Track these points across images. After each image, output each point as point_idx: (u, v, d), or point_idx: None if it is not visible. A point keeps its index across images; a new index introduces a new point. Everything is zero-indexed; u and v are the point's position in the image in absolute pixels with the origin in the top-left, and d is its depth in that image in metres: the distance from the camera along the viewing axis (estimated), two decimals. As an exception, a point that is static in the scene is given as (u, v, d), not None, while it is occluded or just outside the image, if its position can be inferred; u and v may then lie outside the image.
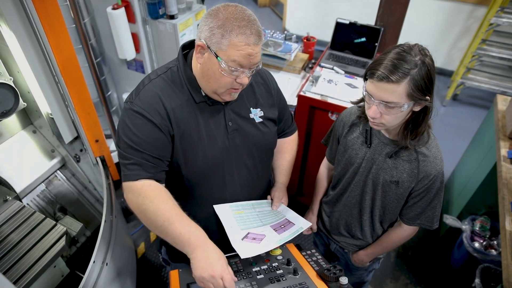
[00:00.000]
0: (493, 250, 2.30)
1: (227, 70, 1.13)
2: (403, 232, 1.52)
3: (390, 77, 1.13)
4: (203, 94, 1.25)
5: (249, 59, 1.12)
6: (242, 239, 1.26)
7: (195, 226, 1.16)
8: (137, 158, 1.19)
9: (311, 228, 1.81)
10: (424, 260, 2.78)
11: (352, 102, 1.48)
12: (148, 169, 1.21)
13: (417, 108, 1.22)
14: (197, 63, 1.21)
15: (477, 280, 2.13)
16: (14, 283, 1.61)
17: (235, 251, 1.20)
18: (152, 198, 1.17)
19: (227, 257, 1.21)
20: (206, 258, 1.10)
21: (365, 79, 1.25)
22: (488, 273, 2.18)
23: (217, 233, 1.42)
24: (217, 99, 1.25)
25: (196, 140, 1.26)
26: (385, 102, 1.18)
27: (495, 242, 2.34)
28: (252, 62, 1.14)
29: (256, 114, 1.37)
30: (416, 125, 1.27)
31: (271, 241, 1.28)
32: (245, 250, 1.20)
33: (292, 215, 1.48)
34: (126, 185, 1.22)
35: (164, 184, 1.28)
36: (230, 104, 1.31)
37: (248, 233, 1.30)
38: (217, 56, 1.11)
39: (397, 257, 2.79)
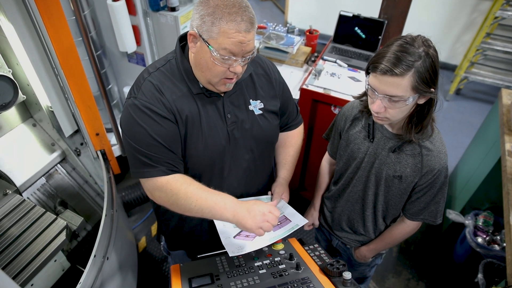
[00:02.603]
0: (496, 245, 2.29)
1: (218, 59, 1.11)
2: (406, 227, 1.50)
3: (394, 70, 1.10)
4: (201, 85, 1.24)
5: (241, 47, 1.09)
6: (234, 237, 1.25)
7: (224, 194, 1.20)
8: (154, 153, 1.19)
9: (313, 223, 1.80)
10: (427, 255, 2.77)
11: (354, 97, 1.45)
12: (167, 164, 1.21)
13: (421, 101, 1.20)
14: (191, 53, 1.19)
15: (480, 275, 2.12)
16: (15, 277, 1.60)
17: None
18: (179, 187, 1.19)
19: (218, 253, 1.30)
20: (249, 210, 1.16)
21: (368, 73, 1.22)
22: (491, 268, 2.17)
23: (208, 233, 1.44)
24: (212, 89, 1.23)
25: (197, 129, 1.24)
26: (389, 96, 1.15)
27: (498, 237, 2.33)
28: (244, 50, 1.11)
29: (256, 106, 1.35)
30: (420, 118, 1.25)
31: (265, 238, 1.26)
32: (235, 247, 1.20)
33: (290, 211, 1.46)
34: (149, 183, 1.23)
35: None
36: (229, 96, 1.29)
37: (241, 231, 1.29)
38: (208, 45, 1.09)
39: (399, 252, 2.78)
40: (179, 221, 1.48)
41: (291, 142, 1.60)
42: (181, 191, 1.18)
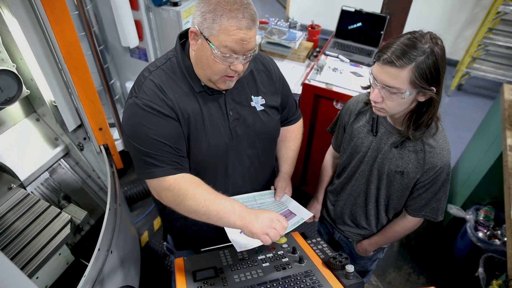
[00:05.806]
0: (496, 240, 2.30)
1: (219, 56, 1.10)
2: (408, 223, 1.51)
3: (394, 61, 1.12)
4: (202, 83, 1.23)
5: (242, 45, 1.09)
6: (240, 233, 1.25)
7: (232, 200, 1.19)
8: (158, 152, 1.17)
9: (313, 217, 1.81)
10: (428, 249, 2.78)
11: (362, 87, 1.46)
12: (173, 163, 1.20)
13: (422, 99, 1.21)
14: (192, 50, 1.19)
15: (480, 270, 2.14)
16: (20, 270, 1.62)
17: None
18: (187, 187, 1.17)
19: (222, 247, 1.30)
20: (257, 215, 1.15)
21: (374, 62, 1.23)
22: (492, 263, 2.19)
23: (215, 230, 1.43)
24: (213, 87, 1.23)
25: (200, 129, 1.24)
26: (387, 86, 1.17)
27: (498, 232, 2.34)
28: (245, 48, 1.10)
29: (258, 102, 1.35)
30: (419, 116, 1.26)
31: None
32: (242, 243, 1.20)
33: (294, 205, 1.47)
34: (156, 183, 1.20)
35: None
36: (231, 93, 1.29)
37: None
38: (209, 42, 1.09)
39: (401, 247, 2.80)
40: (185, 221, 1.46)
41: (291, 136, 1.60)
42: (189, 192, 1.16)
